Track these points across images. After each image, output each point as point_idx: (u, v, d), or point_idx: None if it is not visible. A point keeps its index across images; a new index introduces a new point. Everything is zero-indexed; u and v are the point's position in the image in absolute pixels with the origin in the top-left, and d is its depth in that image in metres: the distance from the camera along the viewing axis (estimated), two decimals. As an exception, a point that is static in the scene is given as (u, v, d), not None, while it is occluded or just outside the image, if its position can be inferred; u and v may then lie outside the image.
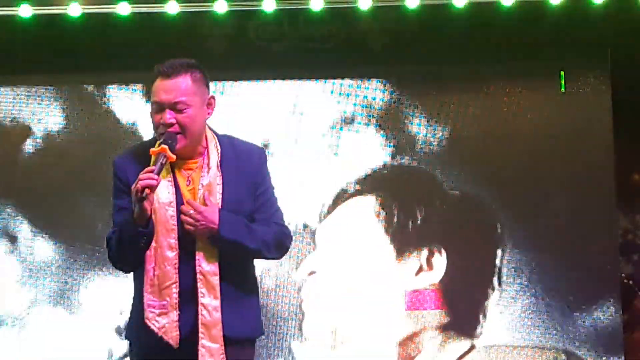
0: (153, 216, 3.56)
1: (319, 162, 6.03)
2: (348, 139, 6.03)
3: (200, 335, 3.68)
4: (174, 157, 3.54)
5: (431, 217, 6.04)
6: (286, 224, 3.92)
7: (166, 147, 3.49)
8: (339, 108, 6.00)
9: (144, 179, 3.45)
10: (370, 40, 5.84)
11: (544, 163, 5.91)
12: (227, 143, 3.81)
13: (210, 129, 3.74)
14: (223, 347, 3.75)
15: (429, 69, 5.94)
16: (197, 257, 3.58)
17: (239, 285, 3.80)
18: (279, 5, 5.62)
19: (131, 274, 3.81)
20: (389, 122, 5.99)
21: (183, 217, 3.67)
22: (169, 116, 3.57)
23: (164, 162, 3.52)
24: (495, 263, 6.02)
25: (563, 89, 5.91)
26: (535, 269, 5.90)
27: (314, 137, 5.96)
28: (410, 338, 6.02)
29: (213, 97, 3.73)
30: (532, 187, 5.92)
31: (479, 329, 5.93)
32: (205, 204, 3.68)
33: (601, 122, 5.99)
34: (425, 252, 5.99)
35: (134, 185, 3.54)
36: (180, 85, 3.62)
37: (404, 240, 6.01)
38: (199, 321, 3.69)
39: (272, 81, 6.08)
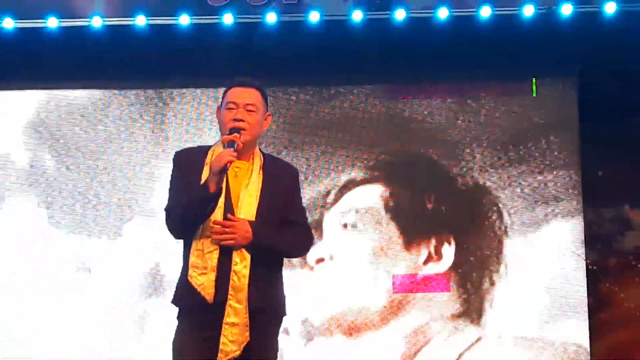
0: None
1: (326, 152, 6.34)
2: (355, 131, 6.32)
3: (229, 296, 4.04)
4: (241, 144, 4.00)
5: (440, 206, 6.32)
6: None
7: (236, 135, 3.97)
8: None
9: (226, 155, 3.93)
10: (363, 51, 6.06)
11: (516, 159, 6.24)
12: (269, 157, 4.31)
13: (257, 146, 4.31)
14: (247, 311, 4.10)
15: (416, 75, 6.25)
16: None
17: (267, 266, 4.17)
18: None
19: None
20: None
21: (220, 236, 4.13)
22: (241, 114, 4.05)
23: (235, 147, 3.96)
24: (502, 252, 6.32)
25: (535, 94, 6.28)
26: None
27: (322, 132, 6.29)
28: (419, 329, 6.28)
29: (270, 115, 4.25)
30: (507, 180, 6.23)
31: (484, 319, 6.22)
32: (235, 218, 4.12)
33: (568, 123, 6.27)
34: (433, 242, 6.27)
35: (216, 162, 4.00)
36: (252, 94, 4.14)
37: (413, 229, 6.27)
38: (230, 284, 4.05)
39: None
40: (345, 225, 6.39)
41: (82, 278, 6.43)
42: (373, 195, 6.42)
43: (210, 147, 4.28)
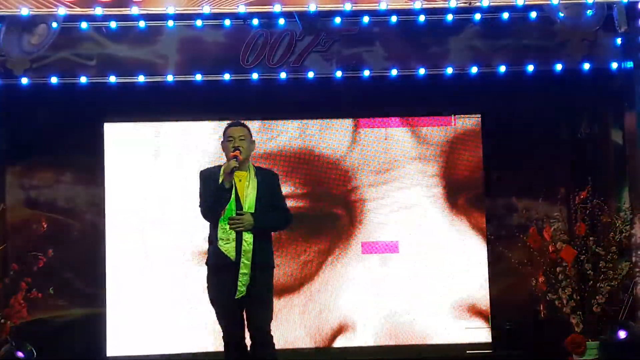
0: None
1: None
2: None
3: (242, 256, 5.54)
4: (241, 157, 5.48)
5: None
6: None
7: (238, 152, 5.50)
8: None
9: (232, 163, 5.42)
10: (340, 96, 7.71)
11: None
12: (257, 167, 5.81)
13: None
14: (252, 265, 5.52)
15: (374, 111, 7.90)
16: None
17: (263, 238, 5.68)
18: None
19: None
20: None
21: (234, 226, 5.52)
22: (236, 143, 5.59)
23: (237, 159, 5.46)
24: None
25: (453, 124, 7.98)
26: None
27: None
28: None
29: (254, 141, 5.77)
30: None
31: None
32: (242, 212, 5.55)
33: (476, 142, 7.97)
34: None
35: (225, 167, 5.46)
36: (242, 130, 5.69)
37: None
38: (242, 248, 5.55)
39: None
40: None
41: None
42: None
43: (221, 166, 5.66)
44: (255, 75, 7.52)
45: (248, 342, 5.74)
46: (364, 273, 7.83)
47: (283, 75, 7.50)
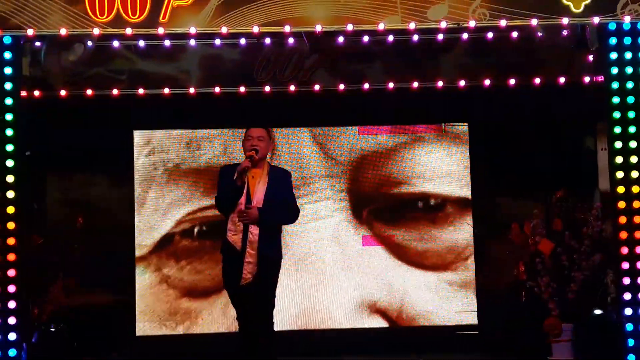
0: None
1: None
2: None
3: (247, 247, 5.68)
4: (257, 157, 5.64)
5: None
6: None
7: (253, 152, 5.70)
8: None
9: (245, 163, 5.59)
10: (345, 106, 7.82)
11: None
12: (273, 166, 5.97)
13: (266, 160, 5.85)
14: (257, 255, 5.62)
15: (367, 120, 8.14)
16: None
17: (269, 231, 5.76)
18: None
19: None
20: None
21: (241, 219, 5.64)
22: (256, 142, 5.77)
23: (252, 158, 5.63)
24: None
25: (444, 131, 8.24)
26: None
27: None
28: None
29: (273, 142, 6.06)
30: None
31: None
32: (250, 206, 5.66)
33: (464, 148, 8.25)
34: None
35: (239, 167, 5.58)
36: (261, 131, 5.86)
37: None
38: (248, 239, 5.67)
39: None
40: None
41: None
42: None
43: (238, 163, 5.76)
44: (267, 88, 7.68)
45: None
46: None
47: (292, 87, 7.68)
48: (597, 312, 7.19)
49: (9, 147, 6.69)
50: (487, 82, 7.73)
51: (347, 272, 8.13)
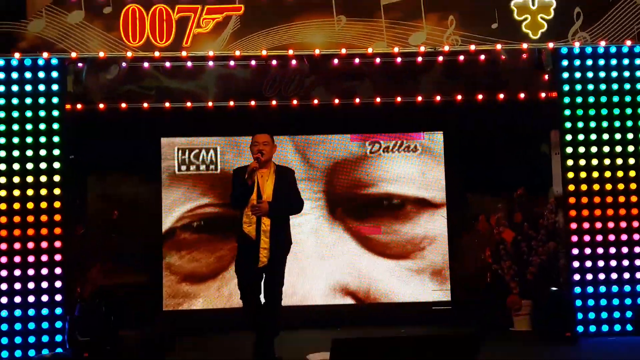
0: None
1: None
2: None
3: (261, 236, 5.70)
4: (263, 159, 5.67)
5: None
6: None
7: (259, 155, 5.71)
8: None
9: (253, 165, 5.62)
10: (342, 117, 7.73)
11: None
12: (278, 165, 5.93)
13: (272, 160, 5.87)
14: (269, 243, 5.62)
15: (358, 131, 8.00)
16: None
17: (279, 222, 5.79)
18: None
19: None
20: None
21: (254, 212, 5.64)
22: (261, 147, 5.77)
23: (258, 160, 5.65)
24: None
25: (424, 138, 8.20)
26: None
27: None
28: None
29: (275, 146, 5.89)
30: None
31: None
32: (261, 201, 5.69)
33: (439, 155, 8.20)
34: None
35: (248, 168, 5.59)
36: (265, 137, 5.84)
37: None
38: (261, 229, 5.70)
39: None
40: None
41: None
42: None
43: (248, 165, 5.76)
44: (273, 103, 7.70)
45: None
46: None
47: (295, 102, 7.67)
48: (552, 289, 7.21)
49: (56, 152, 6.86)
50: (459, 97, 7.77)
51: (323, 260, 8.14)
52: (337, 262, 8.09)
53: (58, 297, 6.70)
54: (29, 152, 6.82)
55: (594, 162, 7.08)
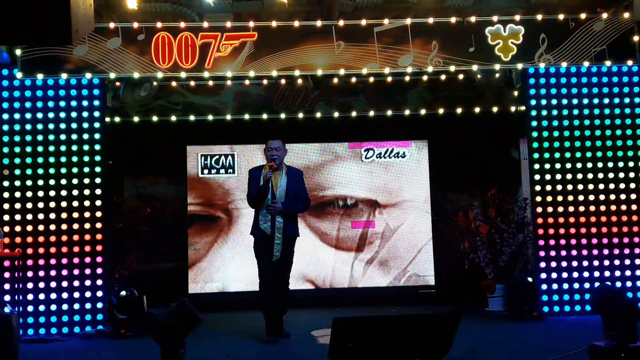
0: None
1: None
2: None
3: (276, 232, 5.67)
4: (276, 166, 5.63)
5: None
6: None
7: (272, 162, 5.66)
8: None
9: (267, 172, 5.55)
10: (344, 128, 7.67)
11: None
12: (289, 167, 5.87)
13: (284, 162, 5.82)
14: (282, 237, 5.62)
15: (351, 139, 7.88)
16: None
17: (291, 218, 5.79)
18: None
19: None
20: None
21: (270, 210, 5.57)
22: (274, 152, 5.70)
23: (271, 169, 5.58)
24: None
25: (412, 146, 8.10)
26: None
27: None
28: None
29: (286, 150, 5.83)
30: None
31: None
32: (275, 201, 5.63)
33: (424, 162, 8.15)
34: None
35: (263, 176, 5.54)
36: (278, 142, 5.77)
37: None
38: (275, 226, 5.66)
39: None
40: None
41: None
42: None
43: (263, 165, 5.77)
44: (282, 116, 7.78)
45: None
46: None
47: (300, 115, 7.71)
48: (521, 275, 7.14)
49: (97, 158, 6.82)
50: (441, 110, 7.84)
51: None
52: (300, 254, 6.72)
53: (99, 282, 6.66)
54: (74, 158, 6.79)
55: (557, 166, 7.03)
